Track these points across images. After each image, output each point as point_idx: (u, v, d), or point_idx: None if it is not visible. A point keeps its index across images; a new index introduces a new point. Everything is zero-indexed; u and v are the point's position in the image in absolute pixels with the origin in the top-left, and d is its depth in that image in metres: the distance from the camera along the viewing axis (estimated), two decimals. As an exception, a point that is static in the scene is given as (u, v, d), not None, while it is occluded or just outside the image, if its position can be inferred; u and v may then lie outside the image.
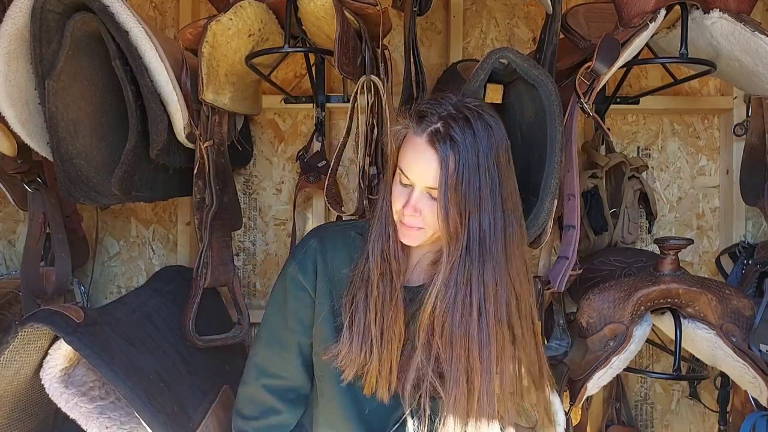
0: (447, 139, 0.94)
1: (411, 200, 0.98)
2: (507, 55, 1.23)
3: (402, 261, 1.06)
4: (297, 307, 1.10)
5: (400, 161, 1.00)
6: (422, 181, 0.97)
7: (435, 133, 0.95)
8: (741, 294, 1.37)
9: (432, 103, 0.99)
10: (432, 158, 0.95)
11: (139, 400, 1.11)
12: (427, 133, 0.96)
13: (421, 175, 0.97)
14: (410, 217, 0.99)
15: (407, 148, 0.99)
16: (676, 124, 1.92)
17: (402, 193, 1.00)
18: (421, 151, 0.96)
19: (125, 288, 1.95)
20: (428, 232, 1.01)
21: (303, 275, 1.10)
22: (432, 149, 0.95)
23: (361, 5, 1.31)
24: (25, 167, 1.47)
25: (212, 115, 1.42)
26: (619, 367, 1.39)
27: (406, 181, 0.99)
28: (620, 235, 1.75)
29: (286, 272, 1.13)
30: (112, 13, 1.18)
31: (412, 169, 0.97)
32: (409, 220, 1.00)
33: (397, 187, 1.02)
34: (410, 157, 0.98)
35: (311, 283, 1.10)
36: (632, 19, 1.26)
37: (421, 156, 0.96)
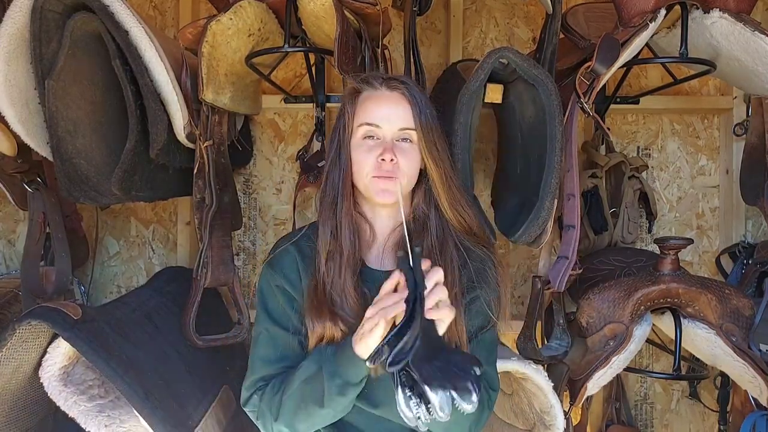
0: (404, 84, 1.04)
1: (387, 146, 1.01)
2: (507, 54, 1.23)
3: (352, 232, 1.05)
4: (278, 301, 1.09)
5: (364, 117, 1.03)
6: (393, 124, 1.02)
7: (392, 81, 1.05)
8: (741, 294, 1.37)
9: (368, 73, 1.10)
10: (400, 99, 1.03)
11: (136, 396, 1.11)
12: (384, 83, 1.04)
13: (393, 117, 1.02)
14: (388, 165, 1.00)
15: (367, 103, 1.04)
16: (675, 124, 1.92)
17: (372, 146, 1.02)
18: (387, 98, 1.04)
19: (125, 288, 1.95)
20: (402, 184, 1.02)
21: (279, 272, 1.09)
22: (396, 92, 1.04)
23: (361, 5, 1.32)
24: (25, 167, 1.47)
25: (212, 115, 1.42)
26: (619, 366, 1.39)
27: (374, 133, 1.02)
28: (620, 235, 1.75)
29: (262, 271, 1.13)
30: (111, 12, 1.18)
31: (382, 116, 1.02)
32: (387, 170, 1.01)
33: (363, 145, 1.03)
34: (375, 106, 1.03)
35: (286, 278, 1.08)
36: (632, 18, 1.26)
37: (388, 101, 1.03)
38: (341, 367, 0.95)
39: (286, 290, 1.08)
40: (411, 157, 1.03)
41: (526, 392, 1.40)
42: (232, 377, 1.60)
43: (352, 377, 0.94)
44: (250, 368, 1.09)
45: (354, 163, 1.04)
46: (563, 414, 1.35)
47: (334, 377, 0.95)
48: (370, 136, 1.03)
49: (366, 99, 1.05)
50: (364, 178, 1.03)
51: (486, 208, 1.73)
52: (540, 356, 1.40)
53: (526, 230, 1.28)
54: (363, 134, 1.03)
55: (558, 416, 1.34)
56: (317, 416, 0.99)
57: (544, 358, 1.40)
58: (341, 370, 0.94)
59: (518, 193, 1.44)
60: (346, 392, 0.95)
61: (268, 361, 1.06)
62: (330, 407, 0.97)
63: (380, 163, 1.00)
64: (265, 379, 1.06)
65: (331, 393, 0.95)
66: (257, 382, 1.06)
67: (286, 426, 1.01)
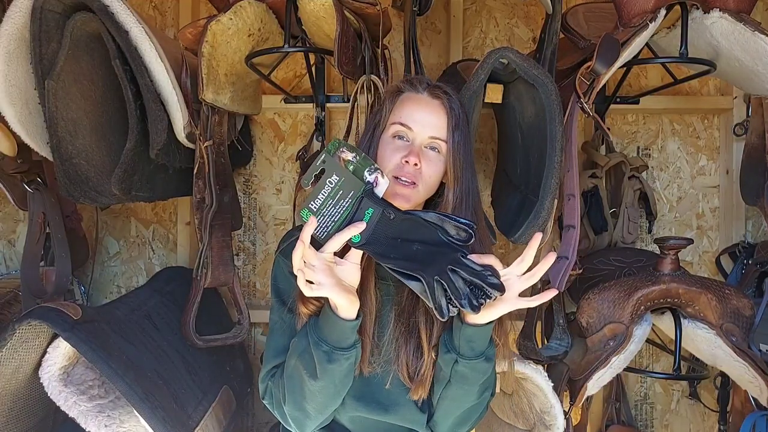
0: (447, 94, 1.04)
1: (414, 150, 1.00)
2: (507, 54, 1.23)
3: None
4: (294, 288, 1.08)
5: (399, 117, 1.03)
6: (426, 131, 1.01)
7: (436, 88, 1.04)
8: (741, 294, 1.36)
9: (414, 76, 1.09)
10: (439, 108, 1.03)
11: (136, 396, 1.12)
12: (427, 89, 1.04)
13: (427, 124, 1.01)
14: (411, 168, 1.00)
15: (407, 104, 1.04)
16: (676, 124, 1.92)
17: (400, 146, 1.02)
18: (427, 103, 1.03)
19: (125, 288, 1.95)
20: (420, 192, 1.02)
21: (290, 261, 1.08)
22: (437, 101, 1.03)
23: (361, 5, 1.31)
24: (25, 167, 1.47)
25: (212, 115, 1.42)
26: (619, 366, 1.39)
27: (404, 134, 1.02)
28: (620, 235, 1.75)
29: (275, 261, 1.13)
30: (111, 12, 1.18)
31: (417, 120, 1.01)
32: (408, 172, 1.00)
33: (391, 143, 1.02)
34: (413, 109, 1.03)
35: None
36: (632, 18, 1.26)
37: (426, 107, 1.03)
38: (324, 331, 0.94)
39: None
40: (435, 167, 1.02)
41: (526, 392, 1.40)
42: (232, 377, 1.61)
43: (336, 341, 0.93)
44: (264, 359, 1.07)
45: (379, 158, 1.03)
46: (563, 414, 1.35)
47: (319, 344, 0.94)
48: (401, 137, 1.02)
49: (406, 99, 1.05)
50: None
51: (486, 208, 1.73)
52: (540, 356, 1.40)
53: (525, 230, 1.28)
54: (394, 132, 1.03)
55: (558, 416, 1.34)
56: (317, 392, 0.97)
57: (544, 358, 1.40)
58: (324, 335, 0.94)
59: (518, 193, 1.44)
60: (334, 359, 0.93)
61: (282, 350, 1.04)
62: (324, 378, 0.95)
63: (404, 165, 1.00)
64: (278, 367, 1.05)
65: (321, 362, 0.94)
66: (271, 371, 1.05)
67: (294, 407, 1.00)
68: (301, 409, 1.00)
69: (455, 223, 0.92)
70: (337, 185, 0.91)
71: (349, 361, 0.96)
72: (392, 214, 0.92)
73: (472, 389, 1.01)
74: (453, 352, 0.98)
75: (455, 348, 0.97)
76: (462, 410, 1.04)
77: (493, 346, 1.00)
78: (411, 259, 0.90)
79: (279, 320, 1.07)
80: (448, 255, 0.89)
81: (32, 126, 1.27)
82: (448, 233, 0.92)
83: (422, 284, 0.87)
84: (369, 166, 0.92)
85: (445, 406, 1.04)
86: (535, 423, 1.41)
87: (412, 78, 1.08)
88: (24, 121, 1.25)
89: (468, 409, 1.04)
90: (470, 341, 0.96)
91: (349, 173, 0.91)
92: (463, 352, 0.97)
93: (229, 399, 1.54)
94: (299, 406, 0.99)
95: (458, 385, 1.00)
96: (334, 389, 0.98)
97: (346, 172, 0.91)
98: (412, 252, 0.91)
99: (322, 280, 0.88)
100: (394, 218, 0.92)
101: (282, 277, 1.08)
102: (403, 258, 0.90)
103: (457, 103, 1.04)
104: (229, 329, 1.53)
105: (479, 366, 0.98)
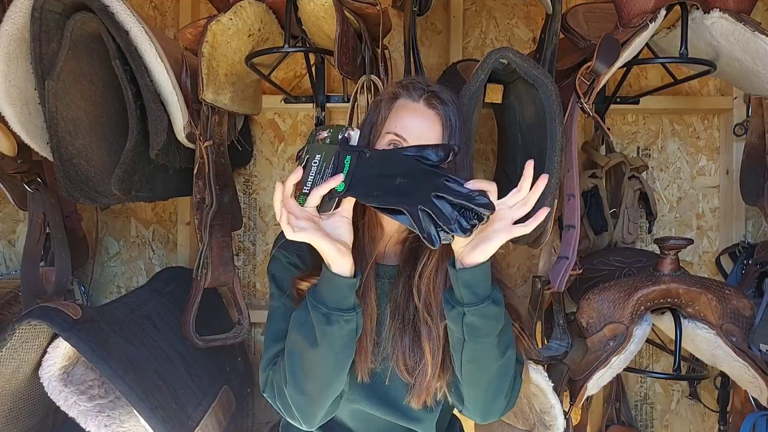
0: (443, 103, 1.01)
1: None
2: (507, 55, 1.23)
3: (377, 231, 1.05)
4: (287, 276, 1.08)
5: (394, 127, 1.01)
6: (420, 142, 1.00)
7: (432, 97, 1.01)
8: (741, 294, 1.36)
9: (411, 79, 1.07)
10: (434, 119, 1.01)
11: (136, 396, 1.11)
12: (423, 97, 1.02)
13: (422, 136, 1.00)
14: None
15: (401, 113, 1.02)
16: (676, 124, 1.92)
17: None
18: (422, 113, 1.01)
19: (125, 288, 1.95)
20: None
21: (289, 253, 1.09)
22: (432, 111, 1.01)
23: (361, 5, 1.32)
24: (25, 167, 1.47)
25: (212, 115, 1.42)
26: (619, 367, 1.39)
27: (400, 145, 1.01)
28: (620, 235, 1.75)
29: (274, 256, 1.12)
30: (111, 12, 1.18)
31: (412, 130, 1.00)
32: None
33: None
34: (407, 118, 1.01)
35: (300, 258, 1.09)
36: (632, 19, 1.26)
37: (421, 118, 1.01)
38: (322, 293, 0.93)
39: (300, 267, 1.07)
40: None
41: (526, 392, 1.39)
42: (232, 377, 1.61)
43: (334, 302, 0.92)
44: (264, 345, 1.05)
45: None
46: (563, 414, 1.35)
47: (318, 307, 0.93)
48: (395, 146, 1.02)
49: (401, 108, 1.03)
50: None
51: (486, 208, 1.73)
52: (540, 356, 1.40)
53: (525, 230, 1.28)
54: (388, 142, 1.01)
55: (558, 416, 1.34)
56: (317, 362, 0.95)
57: (544, 358, 1.40)
58: (323, 296, 0.93)
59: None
60: (332, 320, 0.92)
61: (283, 334, 1.02)
62: (324, 344, 0.93)
63: None
64: (278, 354, 1.03)
65: (320, 324, 0.92)
66: (272, 359, 1.03)
67: (295, 388, 0.97)
68: (302, 391, 0.97)
69: (433, 147, 0.91)
70: (320, 162, 0.93)
71: (349, 325, 0.94)
72: (368, 152, 0.93)
73: (491, 341, 0.95)
74: (457, 305, 0.93)
75: (458, 300, 0.93)
76: (490, 374, 0.99)
77: (497, 289, 0.95)
78: (394, 193, 0.88)
79: (279, 305, 1.06)
80: (433, 181, 0.87)
81: (32, 126, 1.27)
82: (429, 159, 0.90)
83: (407, 216, 0.85)
84: (340, 129, 0.95)
85: (470, 375, 0.99)
86: (535, 423, 1.41)
87: (409, 83, 1.05)
88: (24, 121, 1.25)
89: (496, 373, 0.99)
90: (470, 286, 0.92)
91: (326, 146, 0.95)
92: (466, 300, 0.92)
93: (229, 399, 1.54)
94: (300, 387, 0.97)
95: (474, 339, 0.95)
96: (334, 359, 0.95)
97: (325, 146, 0.95)
98: (395, 186, 0.89)
99: (304, 225, 0.88)
100: (370, 156, 0.93)
101: (281, 268, 1.08)
102: (386, 193, 0.88)
103: (454, 111, 1.02)
104: (229, 329, 1.53)
105: (488, 311, 0.93)
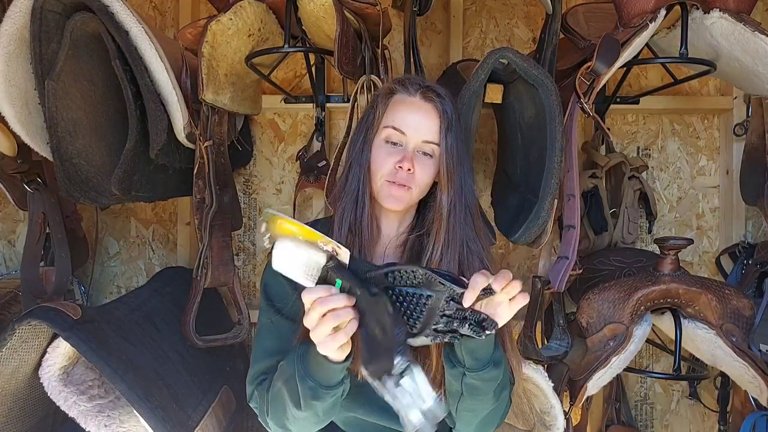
0: (440, 97, 1.02)
1: (407, 155, 1.00)
2: (507, 54, 1.23)
3: (375, 232, 1.05)
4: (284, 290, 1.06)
5: (392, 120, 1.02)
6: (418, 135, 1.00)
7: (428, 91, 1.02)
8: (741, 294, 1.36)
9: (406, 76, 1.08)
10: (431, 112, 1.01)
11: (136, 396, 1.12)
12: (419, 92, 1.02)
13: (420, 128, 1.00)
14: (404, 173, 1.00)
15: (399, 107, 1.02)
16: (676, 124, 1.92)
17: (393, 151, 1.01)
18: (419, 107, 1.02)
19: (125, 288, 1.95)
20: (414, 194, 1.02)
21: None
22: (430, 104, 1.02)
23: (361, 5, 1.32)
24: (25, 167, 1.47)
25: (212, 115, 1.42)
26: (619, 367, 1.39)
27: (397, 139, 1.01)
28: (620, 235, 1.75)
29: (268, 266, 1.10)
30: (111, 12, 1.18)
31: (409, 124, 1.01)
32: (402, 177, 1.00)
33: (384, 148, 1.02)
34: (405, 112, 1.02)
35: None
36: (632, 19, 1.26)
37: (419, 111, 1.01)
38: (311, 368, 0.89)
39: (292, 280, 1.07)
40: (428, 171, 1.03)
41: (526, 392, 1.40)
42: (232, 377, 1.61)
43: (323, 380, 0.89)
44: (252, 361, 1.06)
45: (372, 162, 1.03)
46: (563, 414, 1.35)
47: (305, 379, 0.89)
48: (393, 141, 1.02)
49: (398, 102, 1.03)
50: (378, 180, 1.03)
51: (486, 208, 1.73)
52: (540, 356, 1.40)
53: (525, 230, 1.28)
54: (386, 136, 1.02)
55: (558, 416, 1.34)
56: (301, 418, 0.94)
57: (544, 358, 1.40)
58: (312, 371, 0.89)
59: (518, 194, 1.44)
60: (319, 396, 0.89)
61: (270, 352, 1.03)
62: (307, 410, 0.91)
63: (397, 170, 1.00)
64: (266, 372, 1.03)
65: (305, 397, 0.90)
66: (258, 376, 1.03)
67: (277, 424, 0.98)
68: (284, 428, 0.99)
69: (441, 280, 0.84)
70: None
71: (334, 397, 0.92)
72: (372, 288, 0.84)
73: (487, 397, 0.98)
74: (459, 366, 0.94)
75: (460, 362, 0.94)
76: (482, 416, 1.02)
77: (499, 349, 0.96)
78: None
79: (267, 322, 1.06)
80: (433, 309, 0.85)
81: (32, 126, 1.27)
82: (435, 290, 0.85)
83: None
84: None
85: (464, 417, 1.02)
86: (535, 423, 1.41)
87: (404, 79, 1.06)
88: (24, 121, 1.25)
89: (489, 413, 1.02)
90: (473, 353, 0.92)
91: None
92: (468, 365, 0.93)
93: (229, 399, 1.54)
94: (282, 425, 0.98)
95: (472, 396, 0.97)
96: (317, 419, 0.96)
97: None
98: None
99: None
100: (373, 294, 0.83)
101: (273, 280, 1.06)
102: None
103: (450, 105, 1.03)
104: (229, 329, 1.53)
105: (489, 375, 0.94)
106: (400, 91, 1.04)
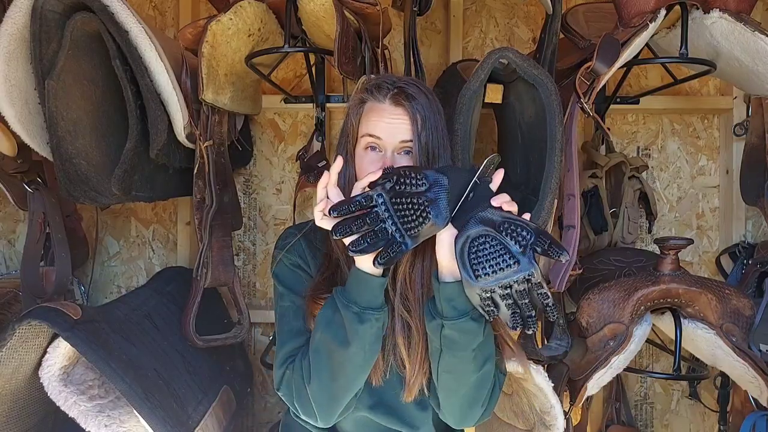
0: (409, 98, 1.03)
1: (387, 160, 1.02)
2: (507, 54, 1.23)
3: None
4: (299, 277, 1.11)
5: (366, 129, 1.04)
6: (394, 137, 1.02)
7: (397, 95, 1.04)
8: (741, 294, 1.36)
9: (381, 77, 1.09)
10: (402, 116, 1.03)
11: (136, 396, 1.12)
12: (389, 97, 1.04)
13: (393, 132, 1.02)
14: None
15: (372, 115, 1.04)
16: (676, 124, 1.92)
17: (374, 159, 1.04)
18: (390, 112, 1.03)
19: (125, 288, 1.95)
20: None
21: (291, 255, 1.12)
22: (400, 108, 1.03)
23: (361, 5, 1.32)
24: (25, 167, 1.47)
25: (212, 115, 1.42)
26: (619, 367, 1.39)
27: (376, 144, 1.03)
28: (620, 235, 1.75)
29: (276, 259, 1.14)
30: (111, 12, 1.18)
31: (383, 129, 1.03)
32: None
33: (365, 157, 1.04)
34: (376, 120, 1.03)
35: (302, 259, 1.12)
36: (632, 18, 1.26)
37: (389, 116, 1.03)
38: (352, 293, 0.96)
39: (303, 269, 1.10)
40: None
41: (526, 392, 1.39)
42: (232, 377, 1.61)
43: (366, 301, 0.95)
44: (278, 345, 1.07)
45: (357, 171, 1.06)
46: (563, 414, 1.35)
47: (349, 306, 0.95)
48: (373, 147, 1.04)
49: (369, 110, 1.05)
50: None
51: (486, 208, 1.73)
52: (540, 356, 1.40)
53: (526, 230, 1.28)
54: (365, 144, 1.04)
55: (558, 416, 1.34)
56: (347, 362, 0.97)
57: (544, 358, 1.40)
58: (354, 296, 0.96)
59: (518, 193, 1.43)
60: (365, 318, 0.95)
61: (296, 332, 1.05)
62: (355, 342, 0.96)
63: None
64: (293, 353, 1.05)
65: (351, 323, 0.95)
66: (287, 358, 1.05)
67: (320, 386, 0.99)
68: (326, 388, 0.99)
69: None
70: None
71: (378, 323, 0.97)
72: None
73: (467, 355, 0.98)
74: (437, 317, 0.97)
75: (438, 312, 0.97)
76: (466, 386, 1.02)
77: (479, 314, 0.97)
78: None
79: (290, 304, 1.08)
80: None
81: (32, 126, 1.27)
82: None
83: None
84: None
85: (445, 384, 1.02)
86: (535, 423, 1.41)
87: (374, 85, 1.06)
88: (24, 121, 1.25)
89: (472, 385, 1.02)
90: (451, 300, 0.95)
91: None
92: (446, 313, 0.96)
93: (229, 399, 1.54)
94: (325, 385, 0.99)
95: (450, 352, 0.98)
96: (363, 356, 0.98)
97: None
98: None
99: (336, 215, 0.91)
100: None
101: (286, 271, 1.11)
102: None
103: (423, 104, 1.03)
104: (229, 329, 1.53)
105: (466, 326, 0.96)
106: (370, 99, 1.05)
